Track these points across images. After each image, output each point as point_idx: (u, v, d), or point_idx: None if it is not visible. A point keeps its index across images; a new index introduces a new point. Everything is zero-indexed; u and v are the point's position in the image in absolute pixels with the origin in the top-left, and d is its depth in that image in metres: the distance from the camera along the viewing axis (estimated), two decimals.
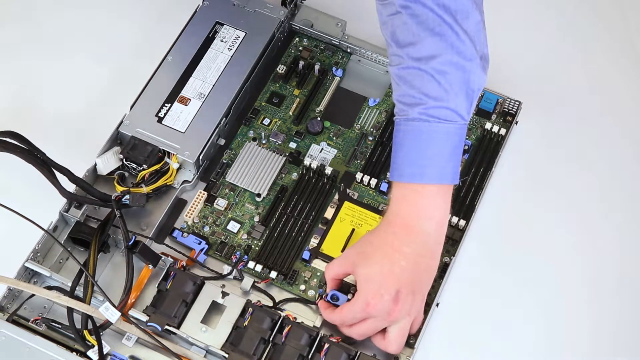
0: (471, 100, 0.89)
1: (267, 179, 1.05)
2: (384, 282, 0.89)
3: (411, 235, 0.90)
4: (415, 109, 0.88)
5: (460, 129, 0.89)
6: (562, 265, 1.02)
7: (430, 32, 0.87)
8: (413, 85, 0.88)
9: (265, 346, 0.94)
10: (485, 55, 0.90)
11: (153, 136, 1.03)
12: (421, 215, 0.90)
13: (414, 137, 0.89)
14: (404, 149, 0.90)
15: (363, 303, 0.90)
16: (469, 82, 0.88)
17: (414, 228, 0.90)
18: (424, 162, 0.89)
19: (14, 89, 1.13)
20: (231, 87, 1.07)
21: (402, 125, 0.90)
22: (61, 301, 0.92)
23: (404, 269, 0.89)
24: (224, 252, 1.01)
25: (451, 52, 0.87)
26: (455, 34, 0.87)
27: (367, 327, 0.92)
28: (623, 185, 1.08)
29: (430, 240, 0.90)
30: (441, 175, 0.90)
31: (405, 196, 0.90)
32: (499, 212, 1.05)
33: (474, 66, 0.88)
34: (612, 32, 1.19)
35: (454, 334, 0.98)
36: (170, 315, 0.94)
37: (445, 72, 0.87)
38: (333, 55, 1.14)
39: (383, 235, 0.91)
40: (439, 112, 0.88)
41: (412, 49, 0.88)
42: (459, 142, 0.90)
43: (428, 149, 0.89)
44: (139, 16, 1.18)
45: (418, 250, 0.90)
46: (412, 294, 0.90)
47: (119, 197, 0.98)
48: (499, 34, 1.16)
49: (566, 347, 0.98)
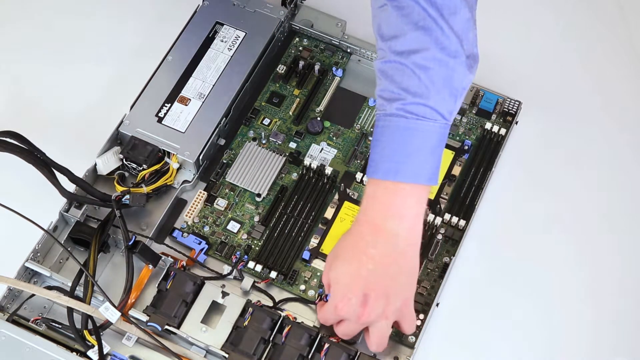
0: (455, 99, 0.87)
1: (267, 179, 1.05)
2: (352, 285, 0.87)
3: (378, 236, 0.87)
4: (394, 104, 0.86)
5: (441, 129, 0.86)
6: (561, 265, 1.02)
7: (414, 26, 0.84)
8: (393, 80, 0.86)
9: (265, 346, 0.94)
10: (473, 55, 0.87)
11: (153, 136, 1.03)
12: (390, 215, 0.87)
13: (391, 132, 0.86)
14: (380, 145, 0.87)
15: (332, 306, 0.89)
16: (453, 80, 0.85)
17: (382, 228, 0.87)
18: (399, 159, 0.86)
19: (15, 89, 1.13)
20: (231, 87, 1.07)
21: (381, 120, 0.87)
22: (61, 301, 0.92)
23: (372, 272, 0.87)
24: (224, 252, 1.01)
25: (434, 48, 0.84)
26: (439, 28, 0.84)
27: (345, 329, 0.91)
28: (623, 185, 1.08)
29: (400, 242, 0.87)
30: (416, 174, 0.86)
31: (376, 194, 0.88)
32: (499, 212, 1.05)
33: (459, 64, 0.85)
34: (612, 32, 1.19)
35: (454, 334, 0.98)
36: (170, 315, 0.94)
37: (428, 68, 0.85)
38: (333, 55, 1.14)
39: (351, 235, 0.89)
40: (418, 108, 0.85)
41: (394, 42, 0.86)
42: (439, 142, 0.87)
43: (404, 146, 0.86)
44: (139, 16, 1.18)
45: (386, 252, 0.87)
46: (384, 298, 0.87)
47: (119, 197, 0.98)
48: (499, 34, 1.17)
49: (566, 347, 0.98)
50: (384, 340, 0.90)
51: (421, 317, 0.96)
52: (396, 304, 0.88)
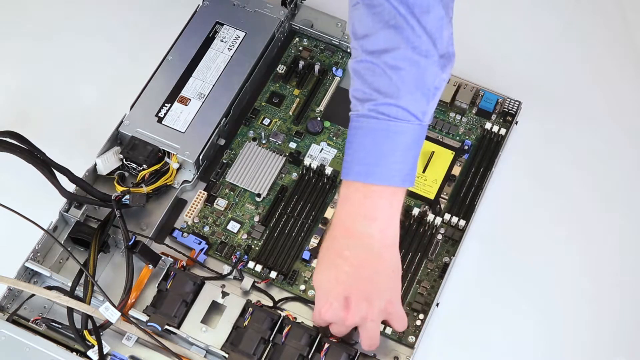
0: (428, 100, 0.85)
1: (267, 179, 1.05)
2: (332, 289, 0.88)
3: (350, 239, 0.87)
4: (366, 104, 0.85)
5: (415, 130, 0.85)
6: (562, 265, 1.02)
7: (385, 25, 0.83)
8: (365, 80, 0.85)
9: (265, 346, 0.94)
10: (448, 54, 0.85)
11: (153, 136, 1.03)
12: (361, 217, 0.86)
13: (363, 134, 0.85)
14: (353, 147, 0.86)
15: (317, 311, 0.90)
16: (425, 80, 0.84)
17: (353, 230, 0.86)
18: (370, 161, 0.85)
19: (15, 89, 1.13)
20: (231, 87, 1.07)
21: (354, 121, 0.86)
22: (61, 301, 0.92)
23: (349, 275, 0.87)
24: (224, 252, 1.01)
25: (405, 47, 0.83)
26: (410, 27, 0.82)
27: (335, 330, 0.91)
28: (623, 185, 1.08)
29: (375, 244, 0.86)
30: (388, 176, 0.85)
31: (348, 196, 0.87)
32: (499, 212, 1.05)
33: (431, 63, 0.84)
34: (612, 32, 1.19)
35: (454, 334, 0.98)
36: (170, 315, 0.94)
37: (399, 68, 0.83)
38: (333, 55, 1.14)
39: (327, 239, 0.89)
40: (389, 109, 0.84)
41: (366, 41, 0.84)
42: (413, 143, 0.86)
43: (376, 148, 0.85)
44: (139, 16, 1.18)
45: (360, 254, 0.86)
46: (365, 300, 0.87)
47: (119, 197, 0.98)
48: (499, 34, 1.17)
49: (566, 346, 0.98)
50: (374, 340, 0.90)
51: (421, 317, 0.97)
52: (379, 306, 0.88)
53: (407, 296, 0.98)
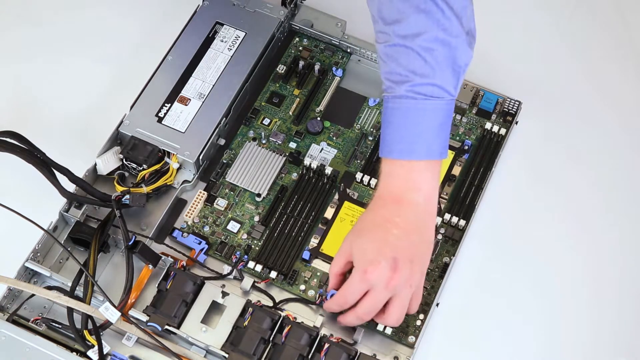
0: (458, 76, 0.90)
1: (267, 179, 1.05)
2: (380, 250, 0.90)
3: (401, 207, 0.91)
4: (403, 86, 0.89)
5: (447, 105, 0.90)
6: (562, 265, 1.02)
7: (416, 9, 0.87)
8: (400, 63, 0.89)
9: (265, 346, 0.94)
10: (471, 31, 0.91)
11: (153, 136, 1.03)
12: (409, 188, 0.91)
13: (402, 114, 0.90)
14: (392, 126, 0.91)
15: (361, 272, 0.90)
16: (456, 59, 0.89)
17: (403, 200, 0.91)
18: (412, 139, 0.90)
19: (15, 89, 1.13)
20: (231, 87, 1.07)
21: (390, 102, 0.91)
22: (61, 301, 0.92)
23: (398, 237, 0.90)
24: (224, 252, 1.01)
25: (437, 29, 0.87)
26: (440, 10, 0.87)
27: (369, 302, 0.91)
28: (623, 185, 1.08)
29: (420, 210, 0.91)
30: (429, 151, 0.91)
31: (393, 171, 0.91)
32: (499, 212, 1.05)
33: (460, 42, 0.89)
34: (611, 32, 1.19)
35: (454, 334, 0.98)
36: (170, 315, 0.94)
37: (432, 49, 0.88)
38: (333, 55, 1.14)
39: (374, 210, 0.92)
40: (426, 89, 0.89)
41: (397, 26, 0.88)
42: (447, 118, 0.91)
43: (416, 126, 0.90)
44: (138, 16, 1.18)
45: (409, 219, 0.90)
46: (410, 263, 0.90)
47: (119, 197, 0.98)
48: (499, 34, 1.17)
49: (566, 346, 0.98)
50: (403, 312, 0.92)
51: (421, 317, 0.97)
52: (421, 272, 0.92)
53: None
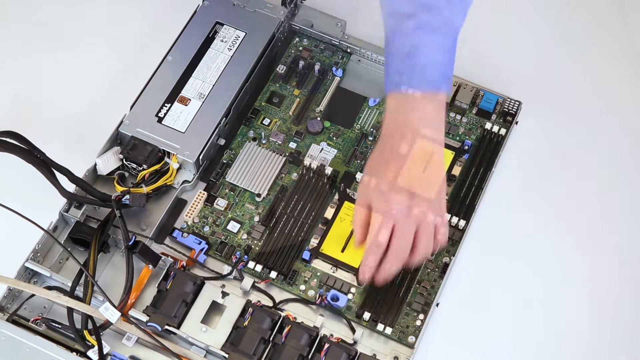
0: (465, 8, 0.92)
1: (267, 179, 1.05)
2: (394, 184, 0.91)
3: (409, 139, 0.91)
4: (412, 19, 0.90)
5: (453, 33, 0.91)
6: (562, 265, 1.02)
7: None
8: None
9: (265, 346, 0.94)
10: None
11: (153, 136, 1.03)
12: (416, 118, 0.91)
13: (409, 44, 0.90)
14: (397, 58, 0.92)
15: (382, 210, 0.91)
16: None
17: (410, 132, 0.91)
18: (417, 69, 0.91)
19: (14, 89, 1.13)
20: (231, 87, 1.07)
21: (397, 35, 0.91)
22: (61, 301, 0.92)
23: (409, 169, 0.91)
24: (224, 252, 1.01)
25: None
26: None
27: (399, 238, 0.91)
28: (623, 185, 1.08)
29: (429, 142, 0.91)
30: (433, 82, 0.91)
31: (399, 105, 0.92)
32: (499, 212, 1.05)
33: None
34: (611, 32, 1.19)
35: (454, 334, 0.98)
36: (170, 315, 0.94)
37: None
38: (333, 55, 1.14)
39: (381, 143, 0.93)
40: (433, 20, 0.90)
41: None
42: (452, 47, 0.92)
43: (422, 56, 0.90)
44: (139, 16, 1.18)
45: (418, 147, 0.91)
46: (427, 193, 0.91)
47: (119, 197, 0.98)
48: (499, 34, 1.17)
49: (566, 346, 0.98)
50: (431, 240, 0.93)
51: (421, 317, 0.97)
52: (438, 199, 0.93)
53: (407, 296, 0.98)
